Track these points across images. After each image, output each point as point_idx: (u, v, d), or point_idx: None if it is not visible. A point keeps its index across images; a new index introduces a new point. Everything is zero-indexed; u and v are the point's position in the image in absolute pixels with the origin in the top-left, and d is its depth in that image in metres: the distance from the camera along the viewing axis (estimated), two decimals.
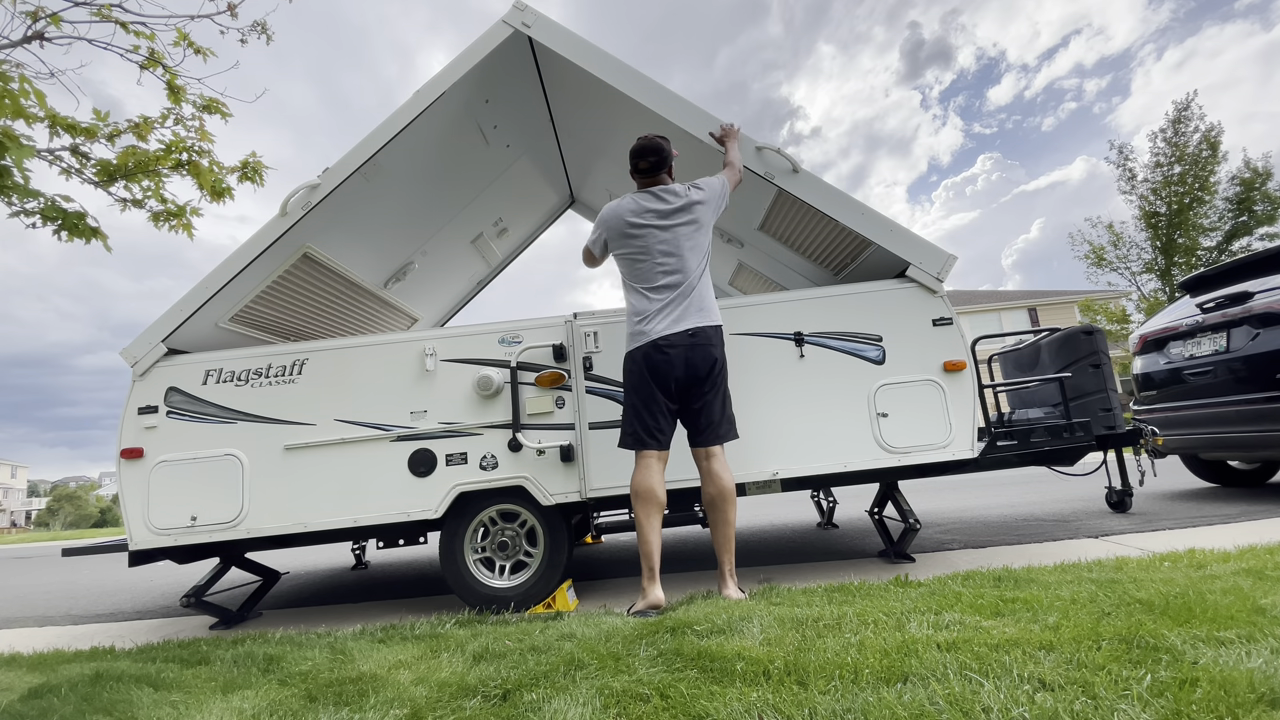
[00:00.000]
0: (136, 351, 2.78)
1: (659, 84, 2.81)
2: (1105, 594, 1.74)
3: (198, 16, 3.14)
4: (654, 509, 2.25)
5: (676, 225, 2.37)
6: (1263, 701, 1.04)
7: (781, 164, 2.76)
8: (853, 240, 2.90)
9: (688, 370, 2.28)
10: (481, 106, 3.22)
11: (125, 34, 2.98)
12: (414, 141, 2.96)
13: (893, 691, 1.17)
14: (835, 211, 2.74)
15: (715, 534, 2.31)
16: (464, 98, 3.02)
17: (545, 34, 2.83)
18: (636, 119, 2.92)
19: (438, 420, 2.73)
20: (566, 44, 2.83)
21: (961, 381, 2.71)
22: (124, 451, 2.71)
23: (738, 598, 2.12)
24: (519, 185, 4.31)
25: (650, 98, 2.78)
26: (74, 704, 1.44)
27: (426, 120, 2.86)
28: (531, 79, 3.32)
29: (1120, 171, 20.58)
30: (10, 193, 2.51)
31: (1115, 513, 3.86)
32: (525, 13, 2.83)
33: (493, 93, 3.17)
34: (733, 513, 2.30)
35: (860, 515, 4.56)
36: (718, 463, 2.31)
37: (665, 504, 2.29)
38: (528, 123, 3.72)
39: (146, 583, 4.73)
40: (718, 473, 2.29)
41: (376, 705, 1.34)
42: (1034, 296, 30.91)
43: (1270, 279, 3.70)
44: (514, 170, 4.07)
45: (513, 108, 3.47)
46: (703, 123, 2.76)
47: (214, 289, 2.76)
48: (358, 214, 3.19)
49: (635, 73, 2.80)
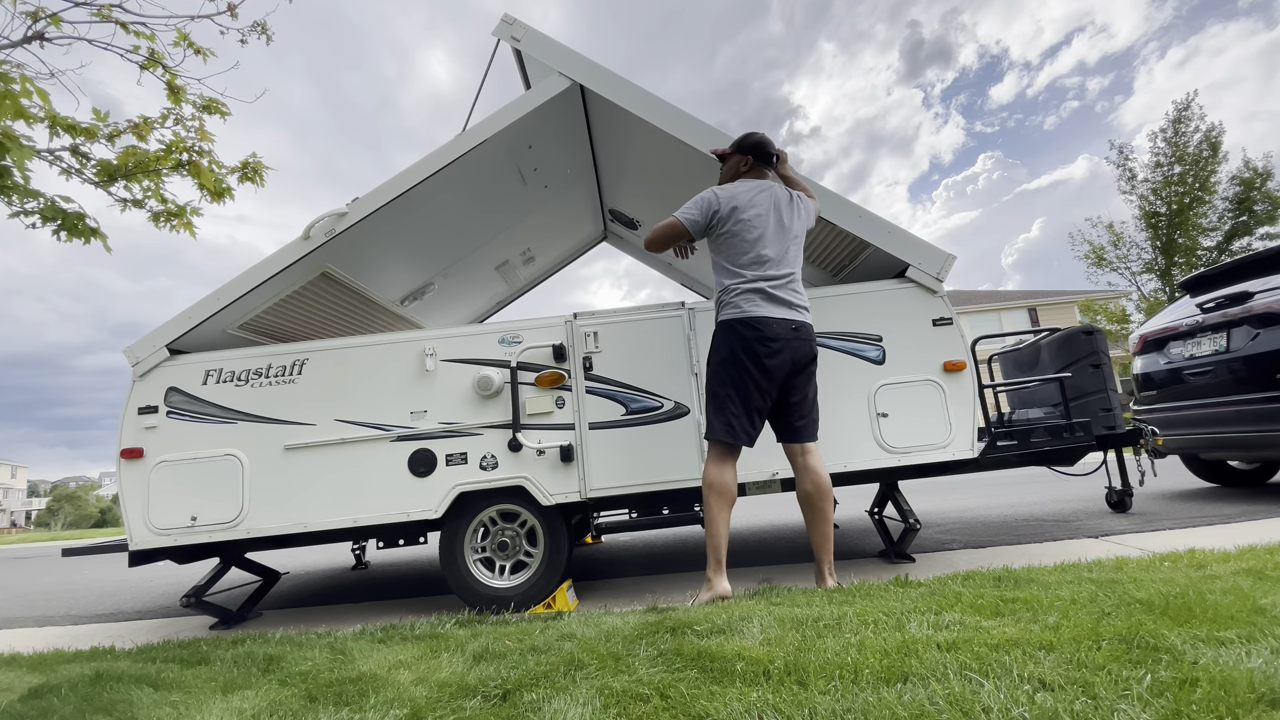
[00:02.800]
0: (140, 352, 2.79)
1: (666, 102, 2.81)
2: (1105, 594, 1.74)
3: (198, 17, 3.15)
4: (727, 502, 2.29)
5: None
6: (1263, 701, 1.04)
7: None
8: (850, 242, 2.90)
9: (793, 363, 2.29)
10: (524, 151, 3.21)
11: (125, 34, 2.99)
12: (448, 178, 2.93)
13: (893, 691, 1.17)
14: (832, 215, 2.74)
15: (814, 531, 2.33)
16: (506, 143, 3.00)
17: (534, 47, 2.84)
18: (650, 138, 2.93)
19: (438, 420, 2.73)
20: (556, 57, 2.82)
21: (961, 381, 2.71)
22: (124, 451, 2.71)
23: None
24: (552, 220, 4.30)
25: (655, 114, 2.79)
26: (74, 704, 1.44)
27: (463, 161, 2.86)
28: (579, 125, 3.30)
29: (1120, 171, 20.60)
30: (10, 193, 2.51)
31: (1115, 513, 3.86)
32: (514, 26, 2.84)
33: (537, 139, 3.14)
34: (831, 509, 2.32)
35: (860, 515, 4.56)
36: (815, 458, 2.32)
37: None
38: (569, 166, 3.69)
39: (146, 583, 4.73)
40: (815, 468, 2.30)
41: (376, 705, 1.34)
42: (1034, 296, 30.91)
43: (1270, 279, 3.70)
44: (549, 207, 4.05)
45: (555, 153, 3.44)
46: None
47: (225, 301, 2.76)
48: (381, 240, 3.18)
49: (634, 88, 2.81)
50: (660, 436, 2.70)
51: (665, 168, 3.36)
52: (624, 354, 2.78)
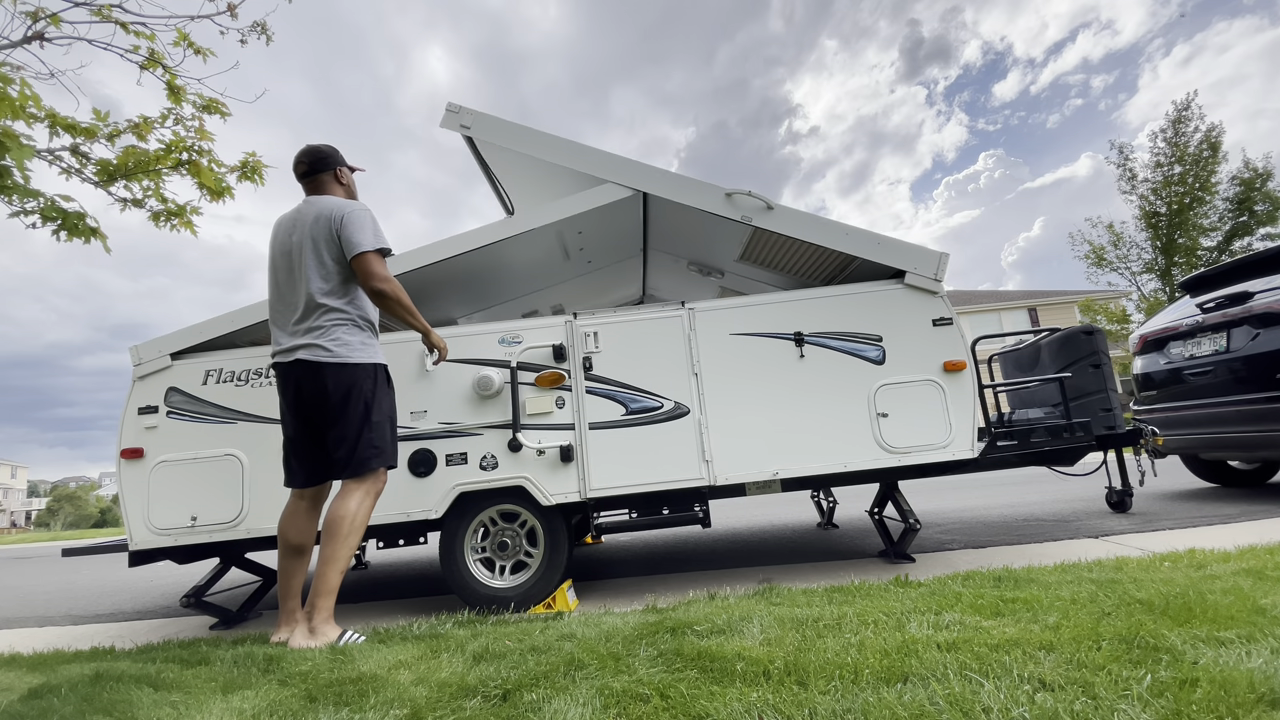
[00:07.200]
0: (145, 353, 2.79)
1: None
2: (1105, 594, 1.74)
3: (198, 17, 3.15)
4: None
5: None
6: (1263, 701, 1.04)
7: (754, 204, 2.78)
8: (839, 257, 2.91)
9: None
10: (573, 235, 3.20)
11: (125, 34, 2.99)
12: (489, 248, 2.91)
13: (893, 691, 1.17)
14: (818, 238, 2.77)
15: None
16: (558, 228, 2.99)
17: (486, 132, 2.84)
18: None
19: (438, 420, 2.73)
20: (513, 138, 2.84)
21: (961, 381, 2.71)
22: (124, 451, 2.71)
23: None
24: (589, 285, 4.28)
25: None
26: (74, 704, 1.44)
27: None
28: (636, 221, 3.29)
29: (1120, 171, 20.60)
30: (10, 193, 2.52)
31: (1115, 513, 3.86)
32: (461, 114, 2.83)
33: (588, 227, 3.12)
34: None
35: (860, 515, 4.56)
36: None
37: None
38: (617, 249, 3.67)
39: (146, 583, 4.72)
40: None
41: (376, 705, 1.34)
42: (1034, 296, 30.90)
43: (1270, 279, 3.70)
44: (589, 276, 4.03)
45: (604, 238, 3.42)
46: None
47: (240, 324, 2.76)
48: (411, 285, 3.17)
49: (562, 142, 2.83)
50: (660, 436, 2.70)
51: (693, 236, 3.40)
52: (624, 354, 2.78)
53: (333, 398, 2.12)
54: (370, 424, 2.15)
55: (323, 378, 2.12)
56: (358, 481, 2.14)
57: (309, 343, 2.13)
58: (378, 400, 2.20)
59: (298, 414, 2.20)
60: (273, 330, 2.25)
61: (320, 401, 2.14)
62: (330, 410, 2.13)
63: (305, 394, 2.15)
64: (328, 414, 2.14)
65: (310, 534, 2.25)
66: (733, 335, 2.78)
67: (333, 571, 2.06)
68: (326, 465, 2.21)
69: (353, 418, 2.13)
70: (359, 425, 2.13)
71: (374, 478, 2.18)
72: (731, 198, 2.79)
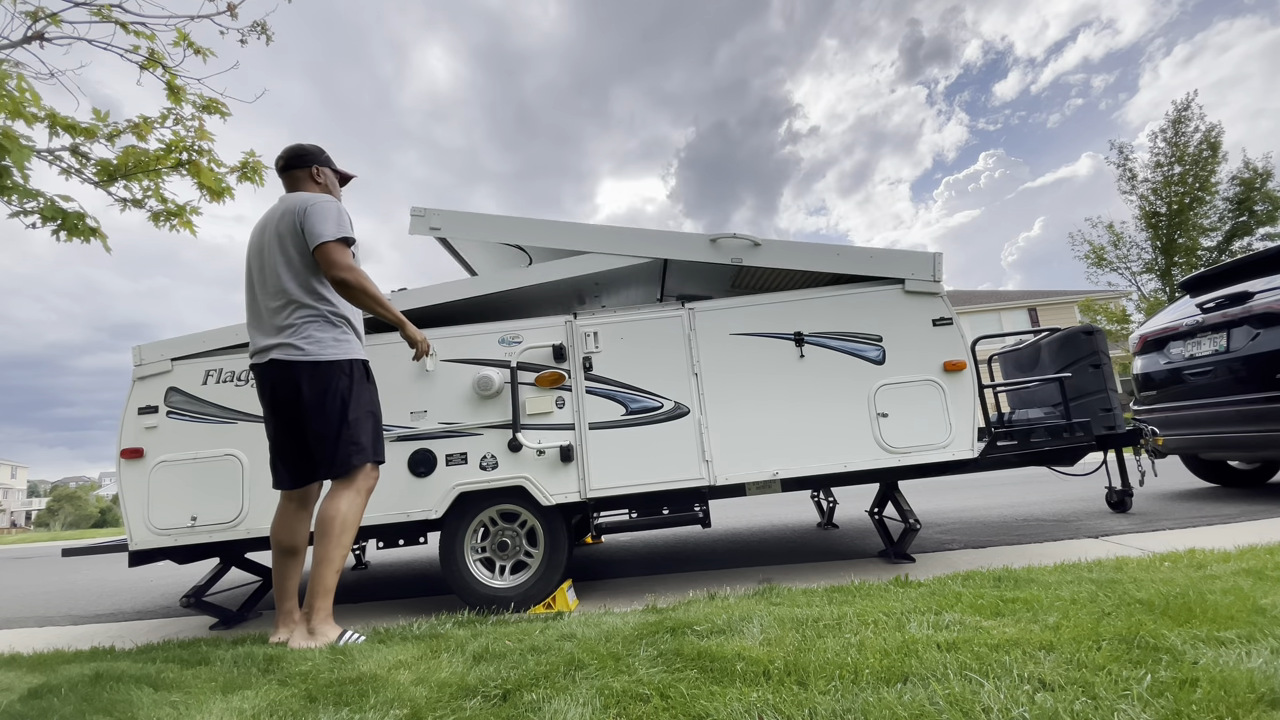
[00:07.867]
0: (147, 355, 2.79)
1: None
2: (1105, 594, 1.74)
3: (198, 17, 3.15)
4: None
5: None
6: (1263, 701, 1.04)
7: (740, 244, 2.79)
8: (830, 274, 2.92)
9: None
10: (590, 285, 3.21)
11: (125, 34, 2.99)
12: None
13: (893, 691, 1.17)
14: (809, 264, 2.79)
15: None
16: (574, 280, 2.99)
17: (456, 229, 2.85)
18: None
19: (438, 420, 2.73)
20: (486, 229, 2.86)
21: (961, 381, 2.71)
22: (124, 451, 2.71)
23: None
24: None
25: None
26: (74, 704, 1.44)
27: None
28: (655, 278, 3.30)
29: (1120, 171, 20.61)
30: (10, 193, 2.52)
31: (1115, 513, 3.86)
32: (428, 216, 2.83)
33: (604, 279, 3.12)
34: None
35: (860, 515, 4.56)
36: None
37: None
38: (632, 296, 3.66)
39: (146, 583, 4.72)
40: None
41: (376, 705, 1.34)
42: (1034, 296, 30.90)
43: (1270, 279, 3.70)
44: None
45: (618, 287, 3.42)
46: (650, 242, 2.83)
47: (244, 339, 2.75)
48: (420, 320, 3.17)
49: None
50: (660, 436, 2.70)
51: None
52: (624, 354, 2.78)
53: (308, 397, 2.10)
54: (348, 421, 2.12)
55: (297, 377, 2.10)
56: (347, 480, 2.12)
57: (281, 342, 2.11)
58: (355, 396, 2.16)
59: (277, 415, 2.18)
60: (249, 332, 2.23)
61: (296, 401, 2.11)
62: (307, 410, 2.11)
63: (281, 394, 2.13)
64: (305, 413, 2.12)
65: (302, 535, 2.24)
66: (733, 335, 2.78)
67: (328, 571, 2.05)
68: (311, 465, 2.20)
69: (330, 416, 2.11)
70: (337, 423, 2.11)
71: (363, 475, 2.16)
72: (717, 243, 2.80)
